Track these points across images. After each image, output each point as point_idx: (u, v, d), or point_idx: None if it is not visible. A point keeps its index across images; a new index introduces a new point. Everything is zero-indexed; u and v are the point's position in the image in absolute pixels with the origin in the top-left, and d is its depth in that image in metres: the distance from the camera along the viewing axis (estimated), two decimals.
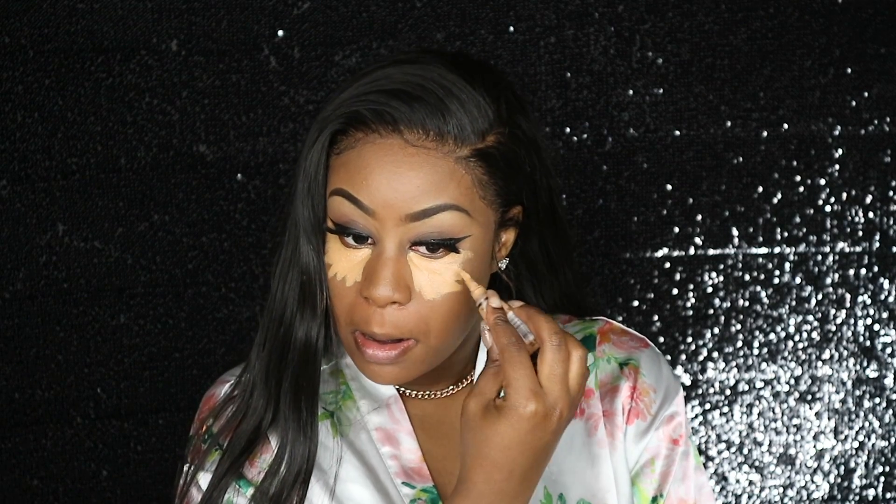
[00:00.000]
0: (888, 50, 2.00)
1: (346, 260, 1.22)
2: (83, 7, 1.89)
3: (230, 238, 1.94)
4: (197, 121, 1.92)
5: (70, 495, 1.94)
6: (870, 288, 2.04)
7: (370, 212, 1.20)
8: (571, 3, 1.96)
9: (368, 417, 1.31)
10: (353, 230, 1.21)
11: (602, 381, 1.34)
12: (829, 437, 2.06)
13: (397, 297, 1.19)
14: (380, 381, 1.22)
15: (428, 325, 1.21)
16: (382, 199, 1.19)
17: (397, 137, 1.19)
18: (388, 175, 1.19)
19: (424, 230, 1.19)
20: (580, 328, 1.38)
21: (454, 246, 1.20)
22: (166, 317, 1.94)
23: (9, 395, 1.92)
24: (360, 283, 1.21)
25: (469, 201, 1.21)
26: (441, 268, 1.20)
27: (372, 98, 1.20)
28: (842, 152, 2.02)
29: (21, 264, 1.91)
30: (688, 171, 2.00)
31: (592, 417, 1.33)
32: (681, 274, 2.01)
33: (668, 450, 1.33)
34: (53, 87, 1.90)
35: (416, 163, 1.19)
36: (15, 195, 1.90)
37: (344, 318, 1.22)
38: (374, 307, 1.19)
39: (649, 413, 1.33)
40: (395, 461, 1.29)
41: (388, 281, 1.19)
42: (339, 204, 1.22)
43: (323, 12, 1.93)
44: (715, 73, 1.99)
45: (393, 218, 1.19)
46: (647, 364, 1.35)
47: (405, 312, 1.20)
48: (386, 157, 1.19)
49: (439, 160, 1.19)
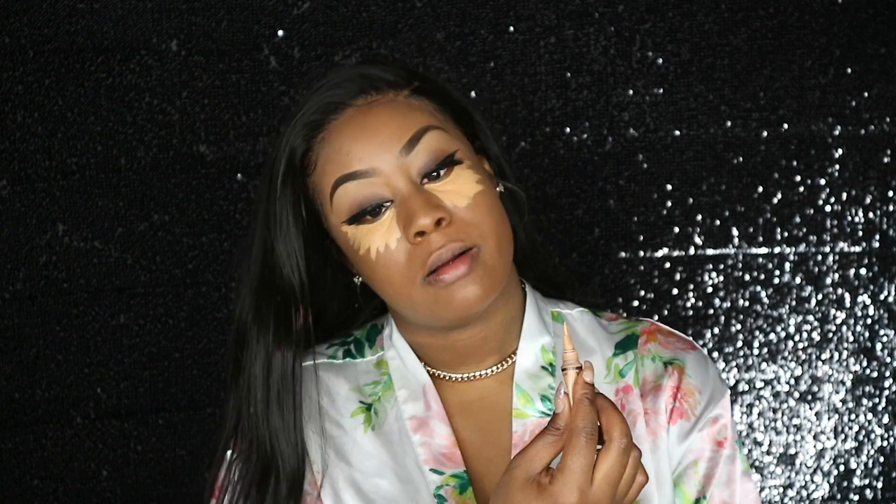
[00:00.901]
0: (888, 50, 2.00)
1: (376, 232, 1.27)
2: (83, 7, 1.89)
3: (230, 238, 1.94)
4: (197, 121, 1.92)
5: (70, 495, 1.94)
6: (870, 288, 2.04)
7: (371, 172, 1.27)
8: (571, 3, 1.96)
9: (405, 407, 1.34)
10: (367, 207, 1.27)
11: (645, 379, 1.36)
12: (829, 437, 2.06)
13: (440, 213, 1.25)
14: (470, 304, 1.25)
15: (479, 227, 1.26)
16: (373, 153, 1.27)
17: (349, 109, 1.30)
18: (363, 133, 1.28)
19: (421, 159, 1.27)
20: (624, 327, 1.41)
21: (453, 159, 1.28)
22: (166, 317, 1.94)
23: (9, 395, 1.92)
24: (402, 237, 1.26)
25: (439, 121, 1.30)
26: (457, 182, 1.27)
27: (311, 108, 1.31)
28: (842, 152, 2.02)
29: (21, 264, 1.91)
30: (688, 171, 2.00)
31: (631, 414, 1.34)
32: (681, 274, 2.01)
33: (713, 452, 1.33)
34: (53, 87, 1.90)
35: (376, 112, 1.29)
36: (15, 195, 1.90)
37: (406, 276, 1.26)
38: (427, 239, 1.25)
39: (693, 414, 1.34)
40: (425, 448, 1.32)
41: (425, 206, 1.25)
42: (344, 192, 1.28)
43: (323, 12, 1.93)
44: (715, 73, 1.99)
45: (390, 162, 1.27)
46: (694, 365, 1.36)
47: (454, 226, 1.26)
48: (352, 125, 1.28)
49: (392, 103, 1.30)
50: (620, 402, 1.35)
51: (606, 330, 1.41)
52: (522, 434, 1.32)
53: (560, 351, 1.37)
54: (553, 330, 1.38)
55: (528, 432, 1.32)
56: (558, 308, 1.42)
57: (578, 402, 1.13)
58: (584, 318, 1.42)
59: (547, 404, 1.34)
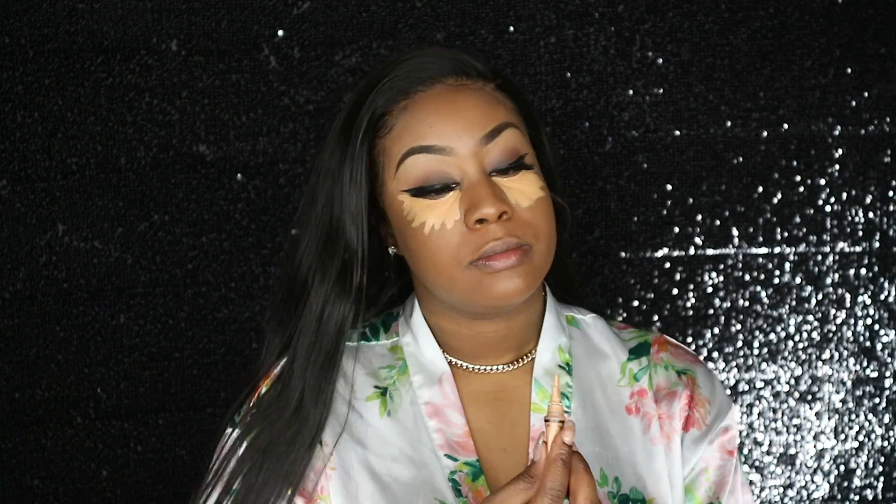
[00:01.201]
0: (888, 50, 2.00)
1: (437, 210, 1.29)
2: (83, 7, 1.89)
3: (230, 238, 1.94)
4: (197, 121, 1.92)
5: (70, 495, 1.94)
6: (870, 288, 2.04)
7: (448, 151, 1.29)
8: (571, 3, 1.96)
9: (420, 392, 1.37)
10: (434, 184, 1.29)
11: (659, 386, 1.40)
12: (829, 437, 2.06)
13: (505, 207, 1.27)
14: (509, 294, 1.28)
15: (535, 228, 1.29)
16: (454, 133, 1.29)
17: (439, 85, 1.31)
18: (448, 112, 1.29)
19: (496, 153, 1.30)
20: (635, 335, 1.46)
21: (524, 162, 1.31)
22: (166, 317, 1.94)
23: (9, 395, 1.92)
24: (461, 220, 1.28)
25: (517, 119, 1.33)
26: (523, 182, 1.30)
27: (401, 74, 1.32)
28: (842, 152, 2.02)
29: (21, 264, 1.91)
30: (688, 171, 2.00)
31: (647, 416, 1.39)
32: (681, 274, 2.01)
33: (723, 460, 1.39)
34: (53, 87, 1.90)
35: (465, 96, 1.31)
36: (15, 195, 1.90)
37: (455, 257, 1.28)
38: (486, 228, 1.27)
39: (704, 423, 1.39)
40: (440, 434, 1.34)
41: (492, 197, 1.27)
42: (414, 163, 1.29)
43: (323, 12, 1.93)
44: (715, 73, 1.99)
45: (469, 147, 1.29)
46: (703, 378, 1.42)
47: (513, 222, 1.28)
48: (440, 101, 1.30)
49: (480, 91, 1.32)
50: (636, 404, 1.38)
51: (619, 336, 1.45)
52: (539, 427, 1.35)
53: (575, 352, 1.41)
54: (569, 332, 1.42)
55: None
56: (572, 313, 1.46)
57: (552, 462, 1.16)
58: (598, 323, 1.46)
59: (564, 401, 1.37)
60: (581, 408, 1.37)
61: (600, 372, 1.41)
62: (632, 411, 1.39)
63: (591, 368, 1.41)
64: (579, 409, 1.37)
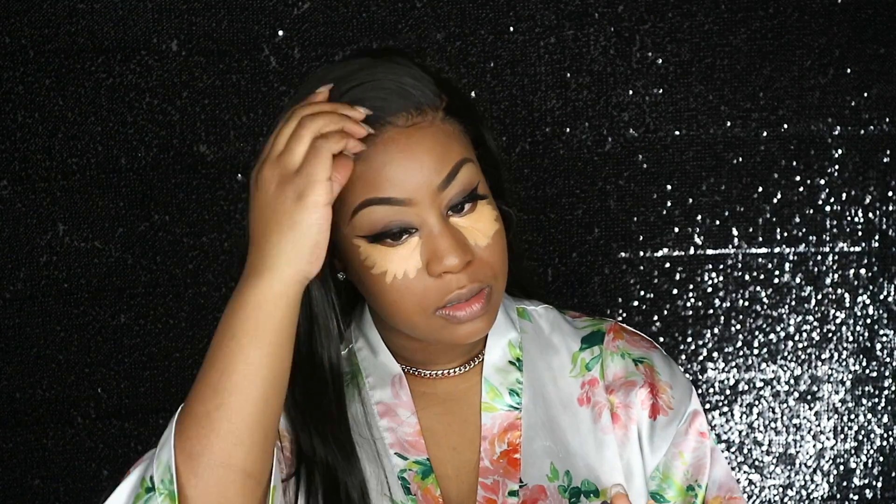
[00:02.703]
0: (888, 50, 2.00)
1: (397, 257, 1.26)
2: (83, 7, 1.89)
3: (230, 238, 1.94)
4: (197, 121, 1.92)
5: (70, 495, 1.94)
6: (869, 288, 2.04)
7: (405, 202, 1.24)
8: (571, 3, 1.96)
9: (372, 393, 1.36)
10: (392, 230, 1.25)
11: (616, 374, 1.39)
12: (829, 437, 2.06)
13: (467, 256, 1.25)
14: (472, 336, 1.27)
15: (493, 268, 1.27)
16: (412, 185, 1.24)
17: (391, 128, 1.24)
18: (404, 161, 1.24)
19: (453, 192, 1.25)
20: (589, 324, 1.44)
21: (477, 194, 1.27)
22: (166, 317, 1.95)
23: (9, 395, 1.92)
24: (423, 268, 1.25)
25: (469, 151, 1.28)
26: (477, 218, 1.27)
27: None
28: (841, 152, 2.02)
29: (21, 264, 1.91)
30: (688, 171, 2.00)
31: (597, 405, 1.38)
32: (681, 274, 2.02)
33: (697, 442, 1.38)
34: (53, 87, 1.90)
35: (418, 139, 1.25)
36: (15, 195, 1.90)
37: (418, 306, 1.26)
38: (450, 277, 1.25)
39: (669, 408, 1.38)
40: (391, 433, 1.34)
41: (455, 248, 1.24)
42: (370, 213, 1.25)
43: (323, 12, 1.93)
44: (715, 73, 1.99)
45: (427, 195, 1.24)
46: (661, 363, 1.41)
47: (474, 266, 1.26)
48: (393, 149, 1.24)
49: (431, 127, 1.26)
50: (586, 394, 1.39)
51: (572, 325, 1.44)
52: (491, 427, 1.35)
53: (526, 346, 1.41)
54: (520, 326, 1.41)
55: (497, 425, 1.36)
56: (523, 305, 1.44)
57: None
58: (549, 314, 1.44)
59: (515, 398, 1.37)
60: (532, 403, 1.37)
61: (552, 364, 1.40)
62: (583, 402, 1.38)
63: (543, 361, 1.40)
64: (530, 404, 1.37)
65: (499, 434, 1.35)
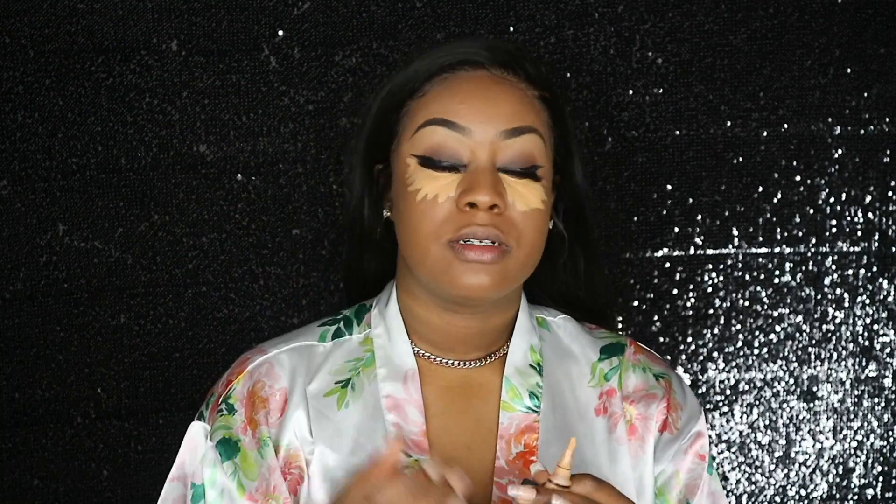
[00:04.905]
0: (888, 50, 2.00)
1: (436, 181, 1.30)
2: (83, 7, 1.89)
3: (230, 238, 1.94)
4: (197, 121, 1.92)
5: (70, 495, 1.94)
6: (869, 288, 2.04)
7: (466, 131, 1.30)
8: (571, 3, 1.96)
9: (383, 385, 1.37)
10: (444, 158, 1.31)
11: (636, 387, 1.41)
12: (829, 437, 2.06)
13: (499, 200, 1.28)
14: (473, 290, 1.29)
15: (520, 233, 1.30)
16: (479, 117, 1.30)
17: (483, 71, 1.33)
18: (481, 97, 1.31)
19: (512, 152, 1.31)
20: (608, 335, 1.46)
21: (535, 173, 1.32)
22: (166, 317, 1.95)
23: (9, 395, 1.92)
24: (454, 198, 1.29)
25: (545, 134, 1.34)
26: (527, 189, 1.31)
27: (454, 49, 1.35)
28: (842, 152, 2.02)
29: (21, 264, 1.91)
30: (688, 171, 2.00)
31: (613, 416, 1.39)
32: (681, 274, 2.02)
33: (695, 463, 1.40)
34: (53, 87, 1.90)
35: (504, 89, 1.32)
36: (15, 195, 1.90)
37: (435, 231, 1.29)
38: (474, 213, 1.28)
39: (676, 427, 1.40)
40: (397, 428, 1.35)
41: (491, 187, 1.28)
42: (431, 133, 1.31)
43: (323, 12, 1.93)
44: (715, 73, 1.99)
45: (488, 134, 1.30)
46: (676, 384, 1.44)
47: (502, 218, 1.29)
48: (477, 84, 1.32)
49: (520, 91, 1.33)
50: (604, 404, 1.40)
51: (591, 335, 1.45)
52: (508, 426, 1.36)
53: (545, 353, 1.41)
54: (539, 334, 1.42)
55: (514, 425, 1.36)
56: (542, 314, 1.46)
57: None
58: (568, 325, 1.46)
59: (534, 401, 1.37)
60: (550, 409, 1.38)
61: (570, 373, 1.41)
62: (599, 412, 1.39)
63: (561, 370, 1.41)
64: (548, 409, 1.37)
65: (516, 435, 1.35)
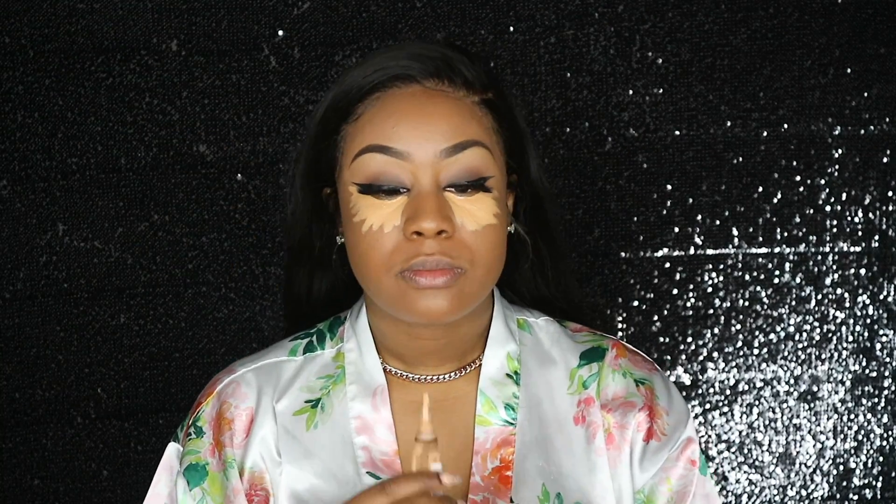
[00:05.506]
0: (888, 50, 2.00)
1: (380, 211, 1.26)
2: (83, 7, 1.89)
3: (230, 238, 1.94)
4: (197, 121, 1.92)
5: (70, 495, 1.94)
6: (869, 288, 2.04)
7: (404, 155, 1.25)
8: (571, 3, 1.96)
9: (352, 405, 1.33)
10: (385, 184, 1.26)
11: (616, 394, 1.36)
12: (829, 437, 2.06)
13: (445, 225, 1.24)
14: (431, 315, 1.25)
15: (473, 254, 1.26)
16: (416, 138, 1.25)
17: (416, 86, 1.27)
18: (416, 117, 1.26)
19: (456, 169, 1.25)
20: (590, 339, 1.41)
21: (484, 185, 1.27)
22: (166, 317, 1.95)
23: (9, 395, 1.92)
24: (400, 227, 1.25)
25: (490, 142, 1.28)
26: (477, 205, 1.26)
27: (386, 64, 1.28)
28: (842, 152, 2.02)
29: (21, 264, 1.91)
30: (688, 171, 2.00)
31: (592, 426, 1.35)
32: (681, 274, 2.02)
33: (686, 470, 1.35)
34: (53, 87, 1.90)
35: (440, 104, 1.27)
36: (15, 195, 1.90)
37: (385, 263, 1.26)
38: (422, 241, 1.24)
39: (663, 433, 1.35)
40: (365, 452, 1.31)
41: (435, 212, 1.24)
42: (369, 160, 1.26)
43: (323, 12, 1.93)
44: (715, 73, 1.99)
45: (428, 156, 1.25)
46: (660, 387, 1.38)
47: (451, 242, 1.25)
48: (411, 103, 1.26)
49: (458, 102, 1.27)
50: (582, 412, 1.36)
51: (572, 339, 1.40)
52: (484, 441, 1.32)
53: (525, 359, 1.37)
54: (519, 338, 1.38)
55: (490, 440, 1.32)
56: (524, 315, 1.41)
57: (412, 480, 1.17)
58: (550, 327, 1.41)
59: (510, 413, 1.34)
60: (527, 420, 1.33)
61: (550, 380, 1.37)
62: (578, 421, 1.35)
63: (541, 377, 1.37)
64: (525, 421, 1.33)
65: (492, 449, 1.32)
